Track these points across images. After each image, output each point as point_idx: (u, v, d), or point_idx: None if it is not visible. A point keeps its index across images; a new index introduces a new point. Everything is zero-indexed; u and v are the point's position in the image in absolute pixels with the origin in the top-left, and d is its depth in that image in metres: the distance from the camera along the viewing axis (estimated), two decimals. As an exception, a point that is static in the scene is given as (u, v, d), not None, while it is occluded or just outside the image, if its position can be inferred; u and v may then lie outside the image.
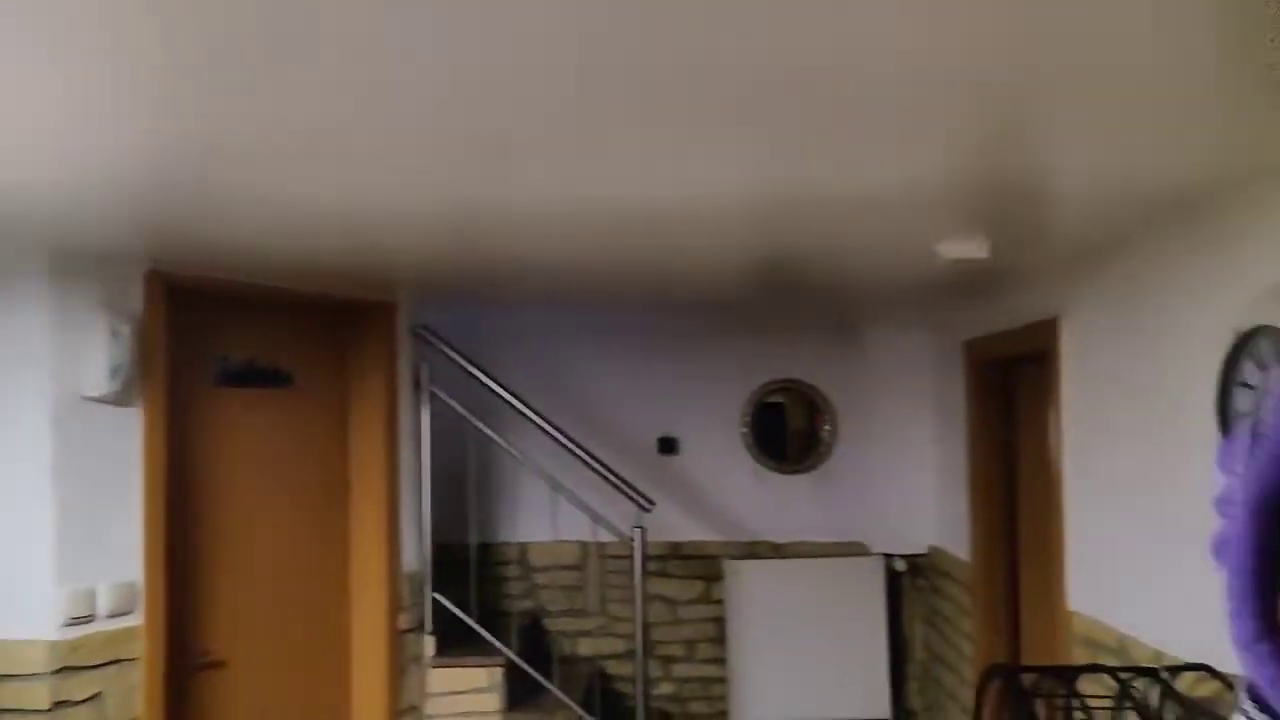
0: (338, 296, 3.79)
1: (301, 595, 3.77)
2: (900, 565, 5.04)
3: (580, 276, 3.79)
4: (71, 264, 2.91)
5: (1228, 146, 1.92)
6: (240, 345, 3.62)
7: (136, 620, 3.02)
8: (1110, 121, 1.78)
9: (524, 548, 4.86)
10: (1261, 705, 0.49)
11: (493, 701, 3.98)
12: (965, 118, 1.77)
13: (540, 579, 4.89)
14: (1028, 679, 2.16)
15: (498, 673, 4.00)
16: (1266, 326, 2.04)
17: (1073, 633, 3.17)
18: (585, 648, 4.84)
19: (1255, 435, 0.49)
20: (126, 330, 2.98)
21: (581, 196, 2.31)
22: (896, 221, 2.55)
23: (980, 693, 2.26)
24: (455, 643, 4.11)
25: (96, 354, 2.92)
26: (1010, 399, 4.26)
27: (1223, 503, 0.51)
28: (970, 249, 2.66)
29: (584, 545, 4.81)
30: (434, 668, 4.00)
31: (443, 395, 4.17)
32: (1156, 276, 2.65)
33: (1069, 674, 2.23)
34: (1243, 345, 2.13)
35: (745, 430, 5.08)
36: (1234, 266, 2.23)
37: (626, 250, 3.09)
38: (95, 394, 2.93)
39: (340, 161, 2.02)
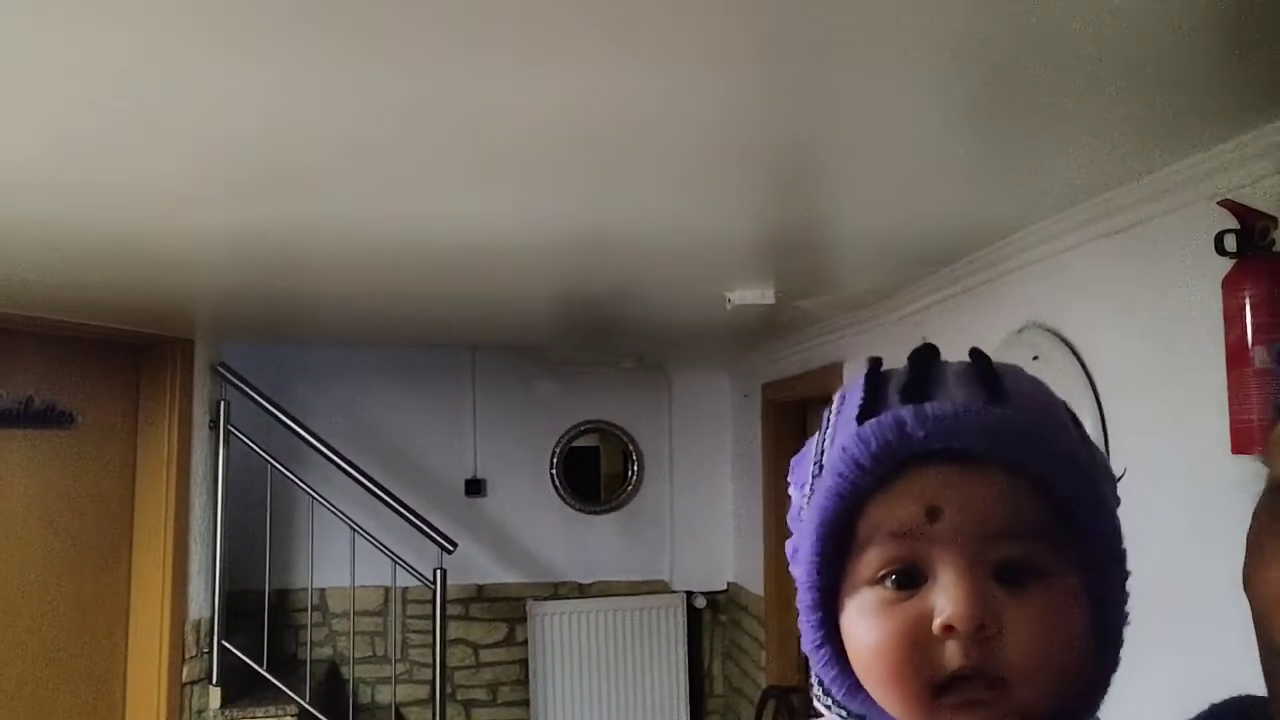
0: (129, 331, 3.63)
1: (71, 651, 3.54)
2: (700, 602, 5.19)
3: (385, 316, 3.77)
4: None
5: (980, 204, 2.15)
6: (16, 383, 3.41)
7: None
8: (879, 182, 1.97)
9: (323, 593, 4.72)
10: (831, 699, 0.60)
11: (284, 753, 3.84)
12: (748, 175, 1.92)
13: (339, 625, 4.75)
14: (798, 698, 2.29)
15: (290, 722, 3.86)
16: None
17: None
18: (386, 695, 4.73)
19: (818, 464, 0.61)
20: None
21: (381, 236, 2.34)
22: (688, 268, 2.69)
23: (759, 713, 2.38)
24: (249, 693, 3.94)
25: None
26: (804, 440, 4.50)
27: (794, 519, 0.62)
28: (757, 295, 2.84)
29: (385, 590, 4.72)
30: (219, 720, 3.82)
31: (242, 436, 4.04)
32: (928, 321, 2.90)
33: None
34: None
35: (554, 471, 5.14)
36: (993, 312, 2.48)
37: (431, 291, 3.11)
38: None
39: (125, 192, 1.97)
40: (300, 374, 4.73)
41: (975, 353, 0.59)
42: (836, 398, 0.63)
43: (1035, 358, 2.12)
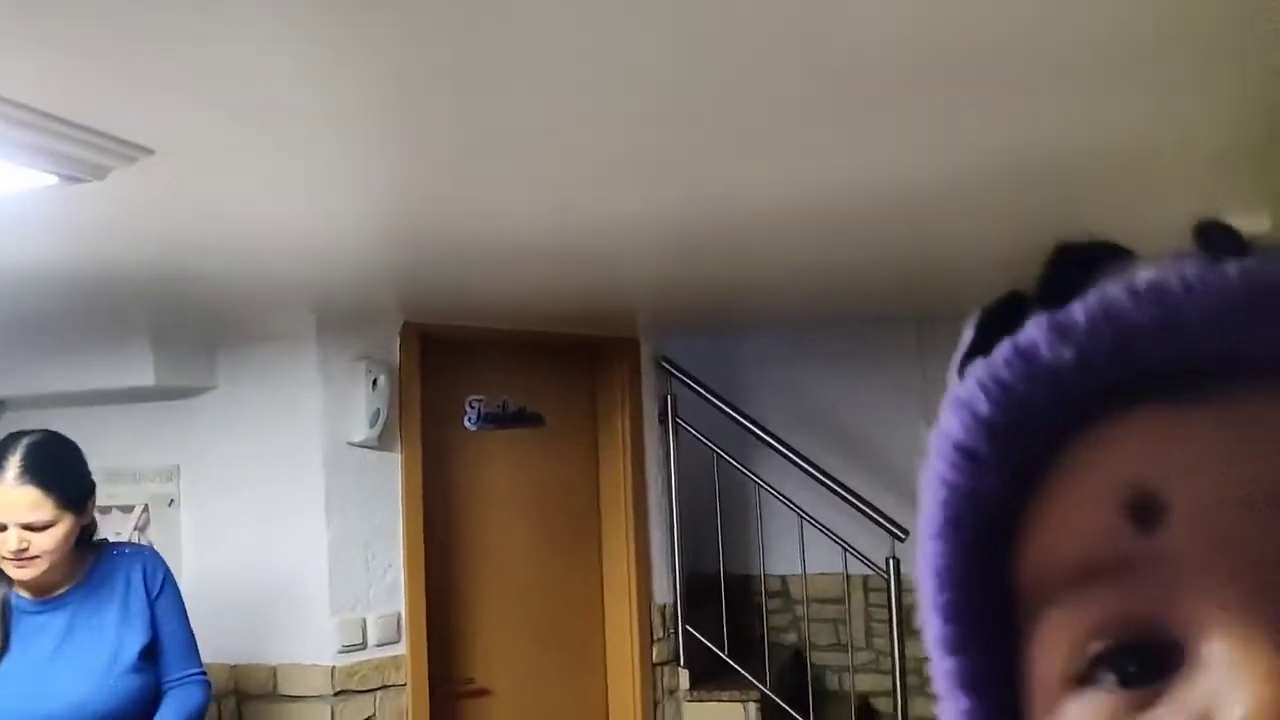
0: (582, 335, 3.89)
1: (557, 627, 3.85)
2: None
3: (821, 294, 3.66)
4: (334, 322, 3.15)
5: None
6: (492, 389, 3.78)
7: (402, 649, 3.19)
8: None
9: (784, 580, 4.73)
10: None
11: (748, 736, 3.87)
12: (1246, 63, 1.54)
13: (802, 611, 4.72)
14: None
15: (752, 708, 3.89)
16: None
17: None
18: (855, 683, 4.61)
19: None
20: (384, 380, 3.18)
21: (823, 188, 2.18)
22: (1167, 190, 2.26)
23: None
24: (709, 676, 4.04)
25: (359, 404, 3.13)
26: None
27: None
28: (1241, 224, 2.31)
29: (844, 577, 4.61)
30: (688, 701, 3.94)
31: (689, 427, 4.15)
32: None
33: None
34: None
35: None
36: None
37: (870, 253, 2.90)
38: (359, 440, 3.14)
39: (562, 189, 2.05)
40: (740, 363, 4.77)
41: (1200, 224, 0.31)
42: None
43: None
